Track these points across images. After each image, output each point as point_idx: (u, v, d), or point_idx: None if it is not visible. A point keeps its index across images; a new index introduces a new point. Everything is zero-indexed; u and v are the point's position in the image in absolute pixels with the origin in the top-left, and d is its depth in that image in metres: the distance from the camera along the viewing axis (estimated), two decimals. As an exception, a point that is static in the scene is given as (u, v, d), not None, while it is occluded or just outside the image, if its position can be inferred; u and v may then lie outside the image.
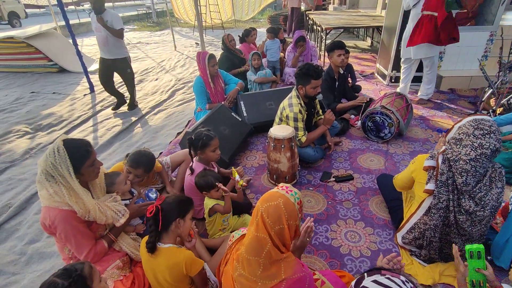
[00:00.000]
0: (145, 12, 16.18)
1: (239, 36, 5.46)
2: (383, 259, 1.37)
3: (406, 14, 4.25)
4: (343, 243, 2.07)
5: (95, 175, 1.65)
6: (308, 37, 5.95)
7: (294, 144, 2.54)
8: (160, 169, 2.39)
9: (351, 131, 3.56)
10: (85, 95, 5.43)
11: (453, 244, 1.47)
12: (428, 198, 1.75)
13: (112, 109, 4.70)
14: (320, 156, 2.95)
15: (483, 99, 3.47)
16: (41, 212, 1.55)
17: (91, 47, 9.57)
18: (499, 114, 3.29)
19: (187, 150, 2.18)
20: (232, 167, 2.11)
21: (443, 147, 1.73)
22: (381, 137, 3.25)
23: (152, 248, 1.40)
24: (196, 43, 9.55)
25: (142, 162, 2.05)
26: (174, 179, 2.60)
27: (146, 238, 1.44)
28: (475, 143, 1.52)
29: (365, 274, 1.04)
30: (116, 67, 4.45)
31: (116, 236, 1.71)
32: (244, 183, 1.98)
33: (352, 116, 3.70)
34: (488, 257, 1.84)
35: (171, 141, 3.61)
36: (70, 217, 1.51)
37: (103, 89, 4.83)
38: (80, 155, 1.53)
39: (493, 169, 1.60)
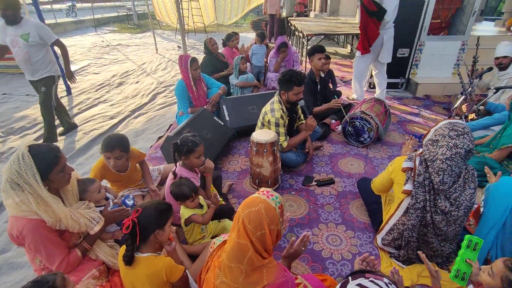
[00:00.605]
0: (125, 14, 15.85)
1: (222, 39, 5.45)
2: (357, 260, 1.40)
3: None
4: (325, 247, 2.09)
5: (66, 181, 1.58)
6: (290, 43, 6.02)
7: (277, 149, 2.55)
8: (144, 157, 2.37)
9: (332, 136, 3.62)
10: (61, 97, 5.23)
11: (419, 252, 1.52)
12: (406, 199, 1.80)
13: (60, 135, 3.90)
14: (302, 161, 2.98)
15: (455, 106, 3.63)
16: (8, 222, 1.46)
17: (69, 48, 9.26)
18: (471, 120, 3.45)
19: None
20: (211, 186, 2.14)
21: (420, 149, 1.79)
22: (361, 142, 3.33)
23: (129, 261, 1.35)
24: (178, 46, 9.46)
25: (115, 142, 2.02)
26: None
27: (123, 249, 1.38)
28: (450, 143, 1.59)
29: (350, 277, 1.05)
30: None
31: (91, 244, 1.64)
32: (222, 202, 1.97)
33: (333, 121, 3.76)
34: None
35: (151, 145, 3.53)
36: (40, 227, 1.44)
37: (81, 91, 4.66)
38: (47, 162, 1.45)
39: (466, 170, 1.68)
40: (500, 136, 2.60)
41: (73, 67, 7.05)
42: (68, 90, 5.37)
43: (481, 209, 1.84)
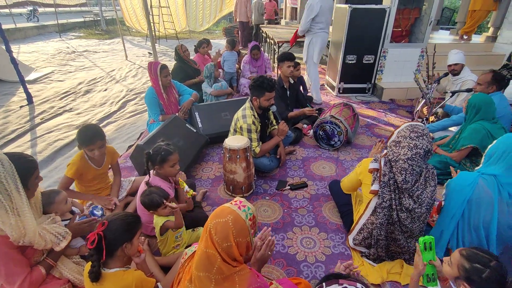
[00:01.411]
0: (93, 19, 15.31)
1: (194, 46, 5.42)
2: (341, 266, 1.43)
3: (350, 30, 4.61)
4: (299, 250, 2.11)
5: (33, 192, 1.49)
6: (262, 49, 6.11)
7: (250, 154, 2.55)
8: (118, 156, 2.39)
9: (304, 140, 3.69)
10: (21, 106, 4.92)
11: (417, 243, 1.58)
12: (374, 199, 1.87)
13: None
14: (276, 165, 3.01)
15: (417, 109, 3.85)
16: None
17: (29, 54, 8.77)
18: (431, 121, 3.67)
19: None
20: (179, 179, 2.07)
21: (385, 151, 1.87)
22: (332, 145, 3.42)
23: (96, 278, 1.27)
24: (149, 53, 9.27)
25: (93, 134, 2.06)
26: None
27: (89, 265, 1.31)
28: (411, 144, 1.69)
29: (324, 284, 1.06)
30: None
31: (56, 261, 1.54)
32: (193, 192, 1.94)
33: (305, 126, 3.84)
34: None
35: (121, 155, 3.40)
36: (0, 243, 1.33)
37: (44, 100, 4.41)
38: (26, 166, 1.38)
39: (427, 169, 1.78)
40: (459, 137, 2.78)
41: (35, 74, 6.68)
42: (29, 99, 5.05)
43: (443, 203, 1.95)
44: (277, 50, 6.45)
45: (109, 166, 2.38)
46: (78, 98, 5.42)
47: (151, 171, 2.05)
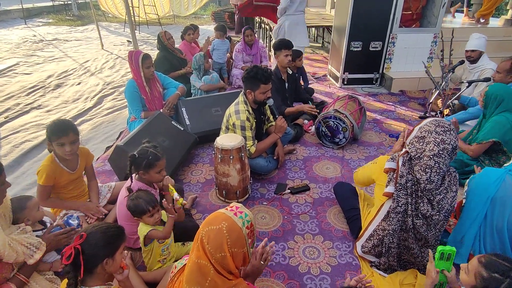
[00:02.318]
0: (62, 3, 15.12)
1: (181, 33, 5.39)
2: (351, 281, 1.44)
3: (355, 12, 4.63)
4: (302, 261, 2.12)
5: (1, 200, 1.47)
6: (257, 36, 6.10)
7: (244, 155, 2.55)
8: (92, 158, 2.39)
9: (305, 137, 3.71)
10: (-18, 104, 4.85)
11: (430, 250, 1.61)
12: (387, 202, 1.89)
13: None
14: (274, 167, 3.01)
15: (430, 101, 3.89)
16: None
17: (-10, 44, 8.64)
18: (446, 115, 3.71)
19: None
20: (169, 185, 2.05)
21: (403, 149, 1.89)
22: (336, 143, 3.44)
23: None
24: (128, 41, 9.20)
25: (66, 125, 2.06)
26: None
27: (65, 283, 1.30)
28: (437, 139, 1.71)
29: None
30: None
31: (28, 277, 1.53)
32: (184, 201, 1.93)
33: (306, 121, 3.86)
34: None
35: (98, 157, 3.38)
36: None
37: (8, 95, 4.37)
38: None
39: (449, 173, 1.80)
40: (477, 132, 2.82)
41: (2, 66, 6.58)
42: (-8, 95, 4.99)
43: (463, 201, 1.98)
44: (273, 37, 6.45)
45: (84, 170, 2.35)
46: (48, 94, 5.36)
47: (133, 176, 2.04)
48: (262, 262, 1.49)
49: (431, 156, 1.70)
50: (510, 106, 2.59)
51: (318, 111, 3.62)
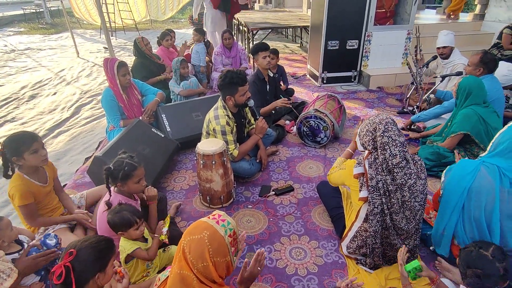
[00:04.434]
0: (34, 11, 14.68)
1: (157, 38, 5.31)
2: (342, 283, 1.46)
3: (331, 12, 4.69)
4: (289, 262, 2.12)
5: None
6: (235, 39, 6.09)
7: (227, 159, 2.53)
8: (56, 170, 2.31)
9: (288, 138, 3.72)
10: (-49, 119, 4.64)
11: (399, 251, 1.67)
12: (364, 206, 1.91)
13: None
14: (257, 169, 3.01)
15: (407, 96, 3.97)
16: None
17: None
18: (423, 109, 3.80)
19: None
20: (169, 215, 2.08)
21: (366, 152, 1.92)
22: (318, 142, 3.46)
23: None
24: (105, 48, 9.01)
25: (27, 133, 2.02)
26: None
27: None
28: (376, 121, 1.87)
29: None
30: None
31: (2, 305, 1.46)
32: (166, 240, 1.86)
33: (287, 122, 3.87)
34: (431, 247, 2.11)
35: (78, 169, 3.28)
36: None
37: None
38: None
39: (414, 161, 1.85)
40: (451, 124, 2.90)
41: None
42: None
43: (441, 192, 2.02)
44: (251, 39, 6.45)
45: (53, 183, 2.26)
46: (22, 105, 5.19)
47: (112, 188, 1.98)
48: (259, 268, 1.49)
49: (382, 135, 1.80)
50: (478, 100, 2.68)
51: (291, 103, 3.63)
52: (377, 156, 1.84)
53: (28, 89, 5.89)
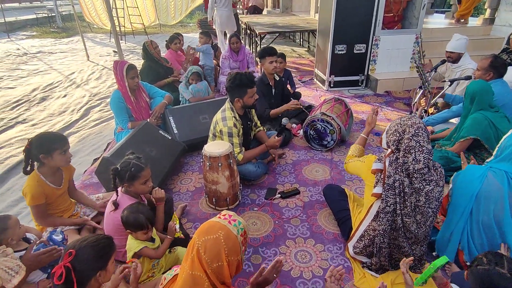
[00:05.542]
0: (46, 15, 14.98)
1: (166, 41, 5.38)
2: (327, 277, 1.45)
3: (338, 16, 4.69)
4: (294, 265, 2.11)
5: None
6: (243, 42, 6.13)
7: (233, 161, 2.54)
8: (74, 170, 2.35)
9: (294, 141, 3.72)
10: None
11: (402, 261, 1.62)
12: (376, 203, 1.90)
13: None
14: (263, 172, 3.01)
15: (415, 100, 3.94)
16: None
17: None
18: (431, 114, 3.77)
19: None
20: (175, 213, 2.11)
21: (388, 150, 1.91)
22: (324, 145, 3.46)
23: None
24: (114, 51, 9.14)
25: (58, 133, 2.12)
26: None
27: None
28: (408, 123, 1.81)
29: None
30: None
31: (10, 301, 1.48)
32: (181, 235, 1.92)
33: (294, 125, 3.87)
34: (434, 253, 2.09)
35: (86, 170, 3.33)
36: None
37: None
38: None
39: (434, 168, 1.83)
40: (460, 128, 2.87)
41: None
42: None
43: (449, 198, 2.00)
44: (259, 43, 6.49)
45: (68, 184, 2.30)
46: (33, 107, 5.28)
47: (119, 189, 2.01)
48: (275, 275, 1.50)
49: (411, 138, 1.77)
50: (483, 105, 2.64)
51: (302, 106, 3.64)
52: (398, 157, 1.83)
53: (39, 91, 5.99)
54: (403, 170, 1.80)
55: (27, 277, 1.57)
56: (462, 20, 6.52)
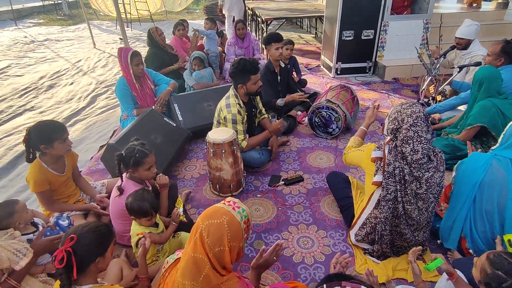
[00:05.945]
0: (53, 3, 14.95)
1: (173, 28, 5.35)
2: (331, 262, 1.46)
3: (346, 1, 4.59)
4: (296, 251, 2.13)
5: None
6: (249, 29, 6.05)
7: (236, 148, 2.55)
8: (77, 157, 2.36)
9: (299, 129, 3.70)
10: (-26, 107, 4.83)
11: (409, 252, 1.61)
12: (377, 191, 1.90)
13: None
14: (267, 159, 3.02)
15: (423, 87, 3.88)
16: None
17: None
18: (439, 101, 3.71)
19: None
20: (180, 196, 2.12)
21: (387, 138, 1.90)
22: (330, 133, 3.44)
23: None
24: (120, 39, 9.12)
25: (57, 122, 2.11)
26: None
27: (57, 284, 1.30)
28: (407, 112, 1.80)
29: (325, 285, 1.08)
30: None
31: (19, 281, 1.54)
32: (184, 220, 1.94)
33: (299, 113, 3.85)
34: (438, 241, 2.09)
35: (92, 157, 3.38)
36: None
37: (0, 98, 4.35)
38: None
39: (435, 153, 1.81)
40: (467, 116, 2.82)
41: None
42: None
43: (452, 186, 1.99)
44: (265, 29, 6.40)
45: (71, 171, 2.32)
46: (41, 95, 5.33)
47: (124, 174, 2.03)
48: (275, 258, 1.53)
49: (409, 128, 1.76)
50: (491, 92, 2.58)
51: (307, 96, 3.60)
52: (397, 145, 1.82)
53: (46, 79, 6.03)
54: (403, 158, 1.79)
55: (36, 260, 1.62)
56: (475, 5, 6.32)
